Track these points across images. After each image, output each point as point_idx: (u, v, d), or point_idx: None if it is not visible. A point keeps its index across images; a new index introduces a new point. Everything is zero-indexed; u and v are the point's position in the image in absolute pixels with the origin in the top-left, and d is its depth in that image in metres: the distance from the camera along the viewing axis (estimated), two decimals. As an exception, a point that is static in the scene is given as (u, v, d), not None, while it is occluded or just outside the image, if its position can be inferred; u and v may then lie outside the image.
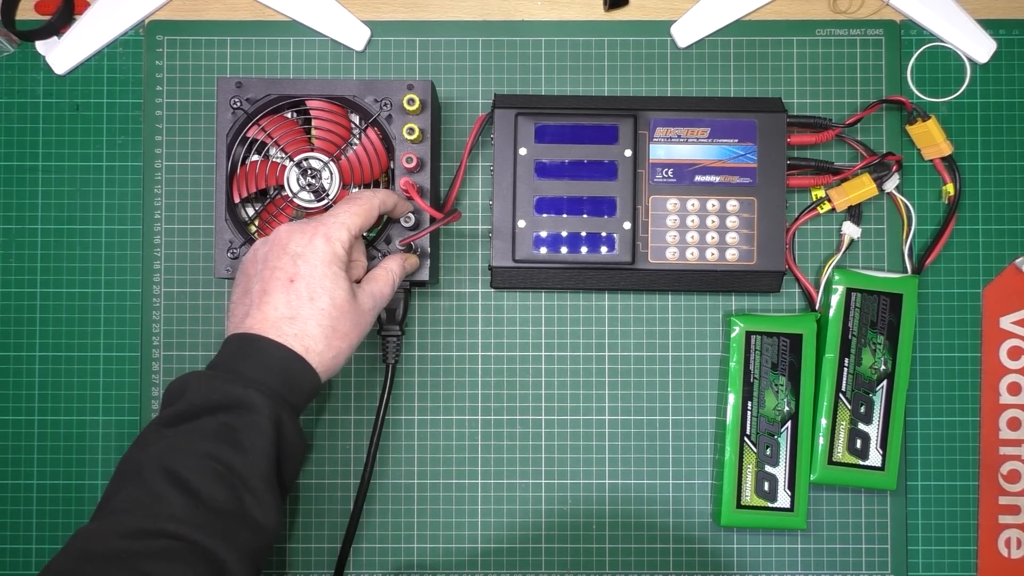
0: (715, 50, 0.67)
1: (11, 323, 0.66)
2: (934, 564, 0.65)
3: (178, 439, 0.48)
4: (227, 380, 0.49)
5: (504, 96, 0.65)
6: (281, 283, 0.51)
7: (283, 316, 0.50)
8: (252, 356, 0.50)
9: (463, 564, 0.65)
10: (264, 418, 0.49)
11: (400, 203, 0.59)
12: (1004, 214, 0.67)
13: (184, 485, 0.46)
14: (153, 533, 0.45)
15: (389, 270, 0.57)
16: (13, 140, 0.67)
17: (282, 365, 0.50)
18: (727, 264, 0.63)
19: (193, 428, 0.48)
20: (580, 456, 0.66)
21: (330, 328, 0.51)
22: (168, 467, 0.47)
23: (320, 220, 0.53)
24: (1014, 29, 0.67)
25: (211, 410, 0.49)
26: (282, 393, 0.50)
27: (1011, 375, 0.66)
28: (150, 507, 0.46)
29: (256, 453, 0.48)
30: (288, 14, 0.67)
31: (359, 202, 0.55)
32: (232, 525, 0.47)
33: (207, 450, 0.47)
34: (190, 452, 0.47)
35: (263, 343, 0.50)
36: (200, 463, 0.47)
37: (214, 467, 0.47)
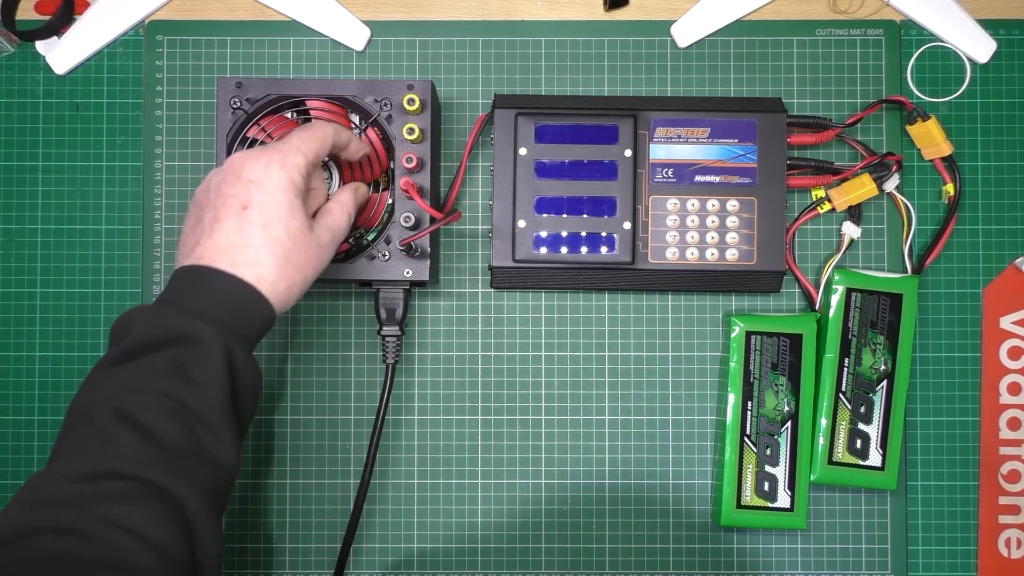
0: (715, 50, 0.67)
1: (11, 323, 0.66)
2: (934, 564, 0.65)
3: (126, 378, 0.46)
4: (173, 314, 0.47)
5: (504, 96, 0.65)
6: (234, 210, 0.49)
7: (235, 244, 0.48)
8: (200, 288, 0.48)
9: (463, 564, 0.65)
10: (214, 351, 0.47)
11: (354, 142, 0.56)
12: (1004, 214, 0.67)
13: (136, 424, 0.44)
14: (106, 475, 0.43)
15: (343, 202, 0.55)
16: (13, 140, 0.67)
17: (232, 295, 0.48)
18: (727, 264, 0.63)
19: (141, 365, 0.46)
20: (580, 456, 0.66)
21: (283, 258, 0.49)
22: (118, 407, 0.45)
23: (275, 147, 0.51)
24: (1014, 29, 0.67)
25: (158, 346, 0.46)
26: (232, 324, 0.48)
27: (1011, 375, 0.66)
28: (101, 448, 0.44)
29: (209, 387, 0.46)
30: (288, 14, 0.67)
31: (312, 128, 0.53)
32: (189, 462, 0.45)
33: (158, 387, 0.45)
34: (140, 390, 0.45)
35: (212, 274, 0.48)
36: (151, 401, 0.45)
37: (166, 404, 0.45)
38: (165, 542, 0.43)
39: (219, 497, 0.47)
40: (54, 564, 0.41)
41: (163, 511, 0.43)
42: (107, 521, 0.42)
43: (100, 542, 0.42)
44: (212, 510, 0.46)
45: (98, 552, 0.41)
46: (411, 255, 0.60)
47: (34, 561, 0.41)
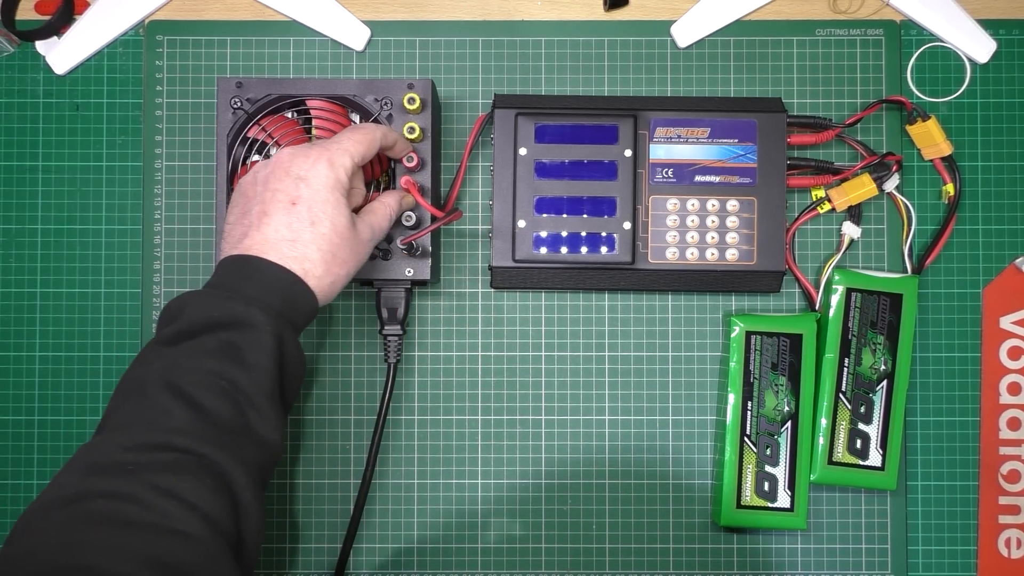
0: (715, 50, 0.67)
1: (11, 323, 0.66)
2: (934, 564, 0.65)
3: (180, 356, 0.47)
4: (228, 297, 0.48)
5: (504, 96, 0.65)
6: (282, 205, 0.50)
7: (283, 238, 0.50)
8: (251, 276, 0.49)
9: (463, 564, 0.65)
10: (267, 335, 0.48)
11: (401, 142, 0.58)
12: (1004, 214, 0.67)
13: (189, 399, 0.46)
14: (160, 446, 0.44)
15: (387, 204, 0.56)
16: (13, 140, 0.67)
17: (282, 286, 0.49)
18: (727, 264, 0.63)
19: (194, 345, 0.48)
20: (580, 456, 0.66)
21: (330, 254, 0.51)
22: (172, 382, 0.46)
23: (324, 145, 0.53)
24: (1014, 29, 0.67)
25: (212, 328, 0.48)
26: (283, 312, 0.49)
27: (1011, 375, 0.66)
28: (155, 421, 0.45)
29: (259, 370, 0.48)
30: (288, 14, 0.67)
31: (363, 131, 0.54)
32: (238, 440, 0.47)
33: (210, 367, 0.47)
34: (193, 369, 0.47)
35: (262, 264, 0.49)
36: (204, 379, 0.46)
37: (218, 383, 0.47)
38: (215, 513, 0.44)
39: (264, 475, 0.49)
40: (111, 526, 0.41)
41: (213, 484, 0.45)
42: (161, 489, 0.43)
43: (154, 509, 0.42)
44: (257, 488, 0.47)
45: (152, 518, 0.42)
46: (412, 254, 0.60)
47: (91, 522, 0.41)
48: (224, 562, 0.44)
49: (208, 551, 0.43)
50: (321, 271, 0.50)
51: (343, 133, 0.54)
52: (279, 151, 0.53)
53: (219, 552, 0.44)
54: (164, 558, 0.41)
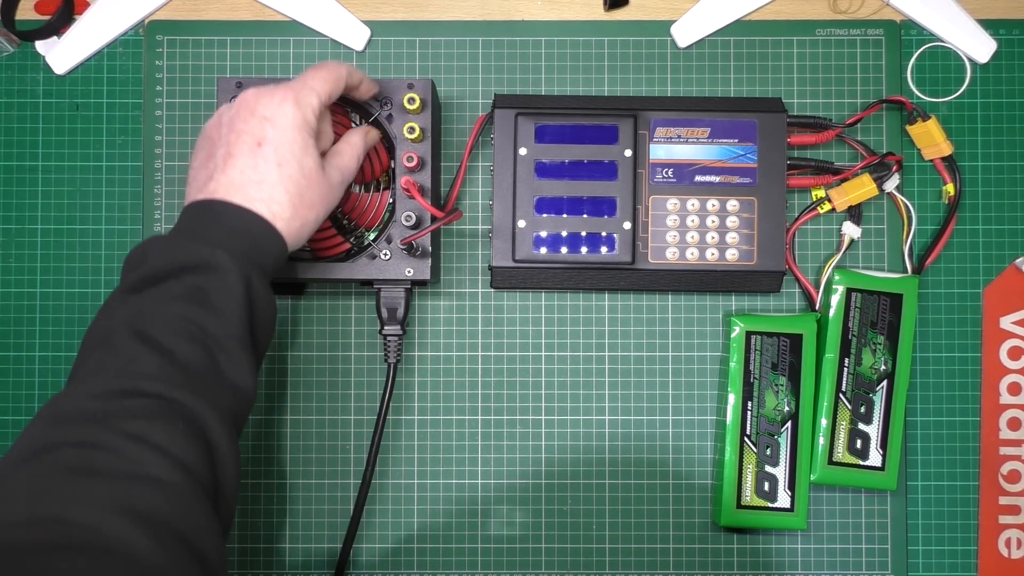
0: (715, 50, 0.67)
1: (11, 323, 0.66)
2: (934, 564, 0.65)
3: (145, 303, 0.46)
4: (191, 240, 0.47)
5: (504, 96, 0.65)
6: (248, 146, 0.49)
7: (249, 180, 0.48)
8: (217, 220, 0.48)
9: (463, 564, 0.65)
10: (234, 277, 0.47)
11: (366, 82, 0.56)
12: (1004, 214, 0.67)
13: (157, 345, 0.44)
14: (129, 392, 0.43)
15: (353, 144, 0.55)
16: (13, 140, 0.67)
17: (249, 229, 0.48)
18: (727, 264, 0.63)
19: (159, 291, 0.46)
20: (580, 456, 0.66)
21: (297, 196, 0.49)
22: (138, 329, 0.45)
23: (289, 84, 0.51)
24: (1014, 29, 0.67)
25: (176, 272, 0.46)
26: (251, 254, 0.48)
27: (1011, 375, 0.66)
28: (123, 368, 0.44)
29: (228, 314, 0.46)
30: (288, 14, 0.67)
31: (327, 67, 0.52)
32: (209, 384, 0.45)
33: (177, 312, 0.45)
34: (159, 314, 0.45)
35: (228, 208, 0.48)
36: (171, 324, 0.45)
37: (186, 327, 0.45)
38: (188, 459, 0.43)
39: (238, 422, 0.48)
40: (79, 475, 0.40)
41: (186, 429, 0.43)
42: (131, 435, 0.42)
43: (124, 456, 0.41)
44: (231, 434, 0.46)
45: (123, 465, 0.41)
46: (412, 254, 0.60)
47: (58, 472, 0.40)
48: (201, 510, 0.42)
49: (182, 497, 0.41)
50: (289, 213, 0.49)
51: (308, 71, 0.52)
52: (243, 91, 0.51)
53: (194, 499, 0.42)
54: (136, 505, 0.39)
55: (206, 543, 0.42)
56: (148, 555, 0.38)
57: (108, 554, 0.38)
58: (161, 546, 0.39)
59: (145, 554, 0.38)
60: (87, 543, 0.38)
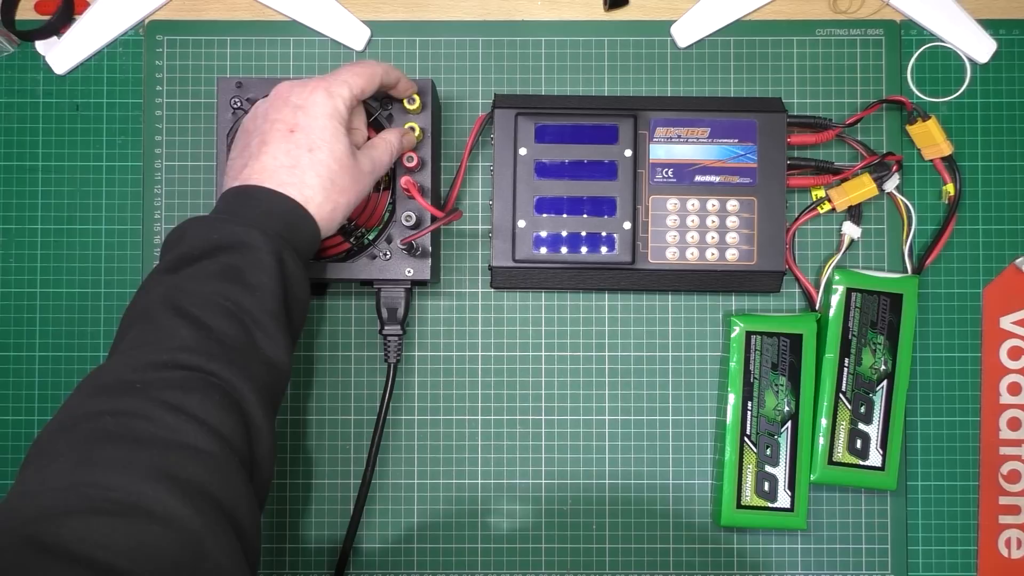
0: (715, 50, 0.67)
1: (11, 323, 0.66)
2: (934, 564, 0.65)
3: (182, 280, 0.47)
4: (227, 221, 0.48)
5: (504, 96, 0.65)
6: (281, 133, 0.50)
7: (282, 165, 0.50)
8: (250, 204, 0.49)
9: (463, 564, 0.65)
10: (268, 255, 0.48)
11: (404, 81, 0.58)
12: (1004, 214, 0.67)
13: (194, 320, 0.46)
14: (167, 364, 0.44)
15: (388, 140, 0.56)
16: (13, 140, 0.67)
17: (282, 211, 0.49)
18: (727, 264, 0.63)
19: (196, 270, 0.48)
20: (580, 456, 0.66)
21: (328, 180, 0.51)
22: (176, 305, 0.46)
23: (322, 76, 0.53)
24: (1014, 29, 0.67)
25: (212, 251, 0.48)
26: (283, 235, 0.49)
27: (1011, 375, 0.66)
28: (161, 341, 0.45)
29: (263, 290, 0.48)
30: (288, 14, 0.67)
31: (363, 65, 0.54)
32: (245, 357, 0.46)
33: (213, 288, 0.47)
34: (196, 292, 0.47)
35: (262, 192, 0.49)
36: (208, 300, 0.46)
37: (223, 304, 0.47)
38: (225, 430, 0.44)
39: (274, 397, 0.49)
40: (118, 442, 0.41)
41: (223, 401, 0.44)
42: (169, 405, 0.43)
43: (164, 424, 0.42)
44: (268, 409, 0.47)
45: (162, 433, 0.42)
46: (412, 254, 0.60)
47: (98, 440, 0.41)
48: (238, 479, 0.43)
49: (220, 466, 0.43)
50: (321, 197, 0.50)
51: (344, 66, 0.54)
52: (278, 84, 0.53)
53: (231, 469, 0.43)
54: (175, 471, 0.41)
55: (242, 511, 0.43)
56: (187, 520, 0.40)
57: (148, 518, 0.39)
58: (199, 512, 0.40)
59: (183, 519, 0.39)
60: (127, 507, 0.39)
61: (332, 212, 0.51)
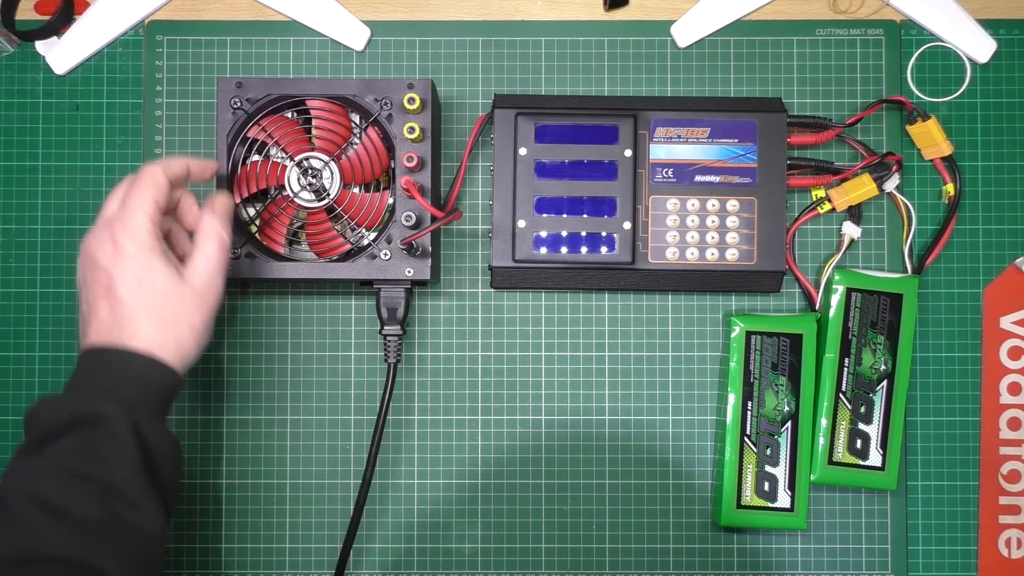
0: (715, 50, 0.67)
1: (11, 323, 0.66)
2: (934, 564, 0.65)
3: (40, 463, 0.47)
4: (78, 397, 0.49)
5: (504, 96, 0.65)
6: (101, 294, 0.50)
7: (112, 324, 0.50)
8: (98, 368, 0.50)
9: (463, 564, 0.65)
10: (122, 426, 0.48)
11: (193, 163, 0.55)
12: (1004, 214, 0.67)
13: (51, 508, 0.46)
14: (29, 560, 0.44)
15: (206, 230, 0.54)
16: (13, 140, 0.67)
17: (130, 369, 0.50)
18: (727, 264, 0.63)
19: (53, 450, 0.48)
20: (580, 456, 0.66)
21: (161, 319, 0.50)
22: (32, 493, 0.46)
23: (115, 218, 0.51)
24: (1014, 29, 0.67)
25: (67, 428, 0.48)
26: (137, 398, 0.49)
27: (1011, 375, 0.66)
28: (21, 536, 0.45)
29: (120, 462, 0.48)
30: (288, 14, 0.67)
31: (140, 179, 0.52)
32: (109, 536, 0.46)
33: (69, 468, 0.47)
34: (52, 474, 0.47)
35: (106, 354, 0.50)
36: (64, 483, 0.46)
37: (80, 484, 0.47)
38: None
39: (148, 566, 0.48)
40: None
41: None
42: None
43: None
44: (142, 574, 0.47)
45: None
46: (412, 254, 0.60)
47: None
48: None
49: None
50: (160, 338, 0.50)
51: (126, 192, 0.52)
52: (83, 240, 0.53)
53: None
54: None
55: None
56: None
57: None
58: None
59: None
60: None
61: (179, 347, 0.51)
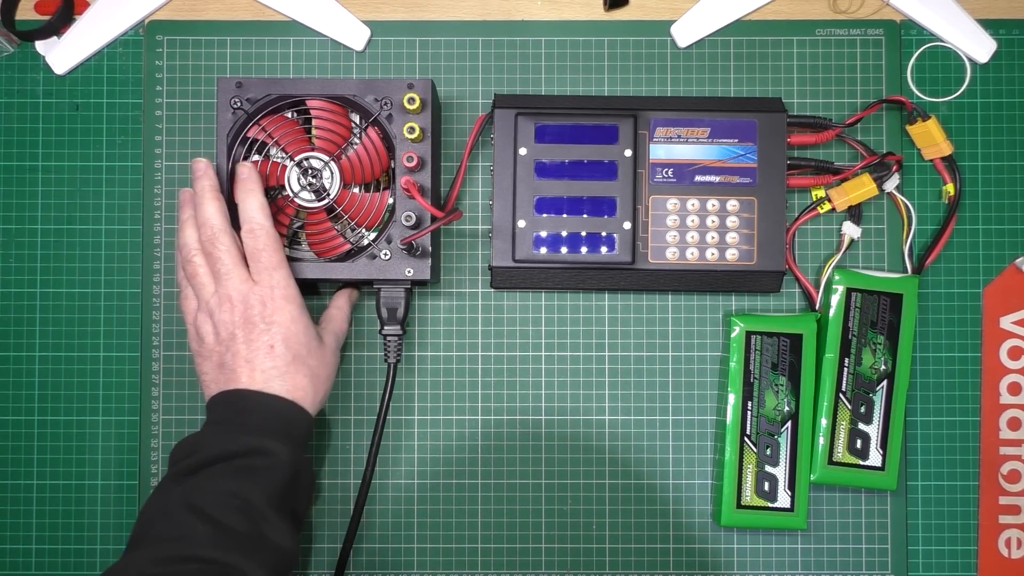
0: (715, 50, 0.67)
1: (11, 323, 0.66)
2: (934, 564, 0.65)
3: (199, 481, 0.53)
4: (239, 432, 0.54)
5: (504, 96, 0.65)
6: (263, 350, 0.55)
7: (270, 375, 0.55)
8: (254, 410, 0.54)
9: (463, 564, 0.65)
10: (284, 461, 0.54)
11: None
12: (1004, 214, 0.67)
13: (207, 517, 0.51)
14: (185, 559, 0.49)
15: (341, 307, 0.63)
16: (13, 140, 0.67)
17: (284, 411, 0.55)
18: (727, 264, 0.63)
19: (211, 473, 0.53)
20: (580, 456, 0.66)
21: (312, 375, 0.56)
22: (191, 503, 0.51)
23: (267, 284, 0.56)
24: (1014, 29, 0.67)
25: (228, 457, 0.53)
26: (292, 435, 0.55)
27: (1011, 375, 0.66)
28: (179, 537, 0.50)
29: (271, 487, 0.53)
30: (288, 14, 0.67)
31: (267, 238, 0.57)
32: (254, 545, 0.51)
33: (226, 487, 0.52)
34: (210, 490, 0.52)
35: (261, 396, 0.55)
36: (220, 499, 0.52)
37: (233, 501, 0.52)
38: None
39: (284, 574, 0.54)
40: None
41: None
42: None
43: None
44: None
45: None
46: (412, 254, 0.60)
47: None
48: None
49: None
50: (312, 391, 0.56)
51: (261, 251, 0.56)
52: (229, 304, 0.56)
53: None
54: None
55: None
56: None
57: None
58: None
59: None
60: None
61: (323, 398, 0.58)
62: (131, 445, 0.66)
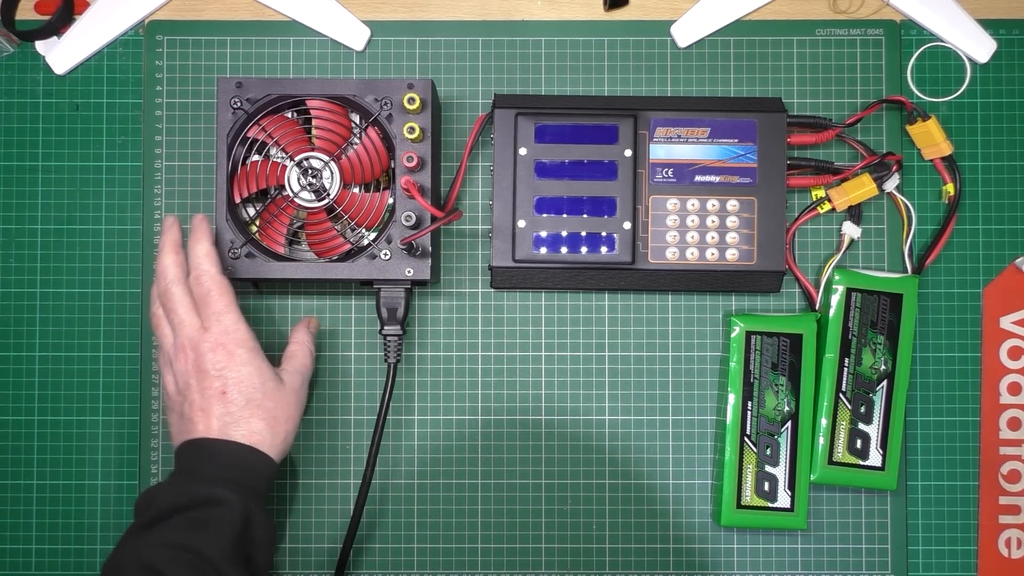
0: (715, 50, 0.67)
1: (11, 323, 0.66)
2: (934, 564, 0.65)
3: (152, 536, 0.52)
4: (192, 483, 0.53)
5: (504, 96, 0.65)
6: (215, 398, 0.55)
7: (226, 423, 0.55)
8: (210, 459, 0.54)
9: (463, 564, 0.65)
10: (234, 510, 0.53)
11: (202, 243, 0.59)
12: (1004, 214, 0.67)
13: (158, 573, 0.50)
14: None
15: (301, 342, 0.62)
16: (13, 140, 0.67)
17: (239, 459, 0.55)
18: (727, 264, 0.63)
19: (165, 526, 0.52)
20: (580, 456, 0.66)
21: (271, 418, 0.56)
22: (142, 560, 0.51)
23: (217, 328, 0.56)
24: (1014, 29, 0.67)
25: (180, 510, 0.53)
26: (248, 484, 0.54)
27: (1011, 375, 0.66)
28: None
29: (222, 539, 0.52)
30: (288, 14, 0.67)
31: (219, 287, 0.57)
32: None
33: (178, 542, 0.51)
34: (162, 546, 0.51)
35: (217, 444, 0.55)
36: (171, 554, 0.51)
37: (184, 556, 0.51)
38: None
39: None
40: None
41: None
42: None
43: None
44: None
45: None
46: (412, 254, 0.60)
47: None
48: None
49: None
50: (270, 434, 0.56)
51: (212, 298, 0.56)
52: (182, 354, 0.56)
53: None
54: None
55: None
56: None
57: None
58: None
59: None
60: None
61: (283, 440, 0.57)
62: (131, 445, 0.66)
